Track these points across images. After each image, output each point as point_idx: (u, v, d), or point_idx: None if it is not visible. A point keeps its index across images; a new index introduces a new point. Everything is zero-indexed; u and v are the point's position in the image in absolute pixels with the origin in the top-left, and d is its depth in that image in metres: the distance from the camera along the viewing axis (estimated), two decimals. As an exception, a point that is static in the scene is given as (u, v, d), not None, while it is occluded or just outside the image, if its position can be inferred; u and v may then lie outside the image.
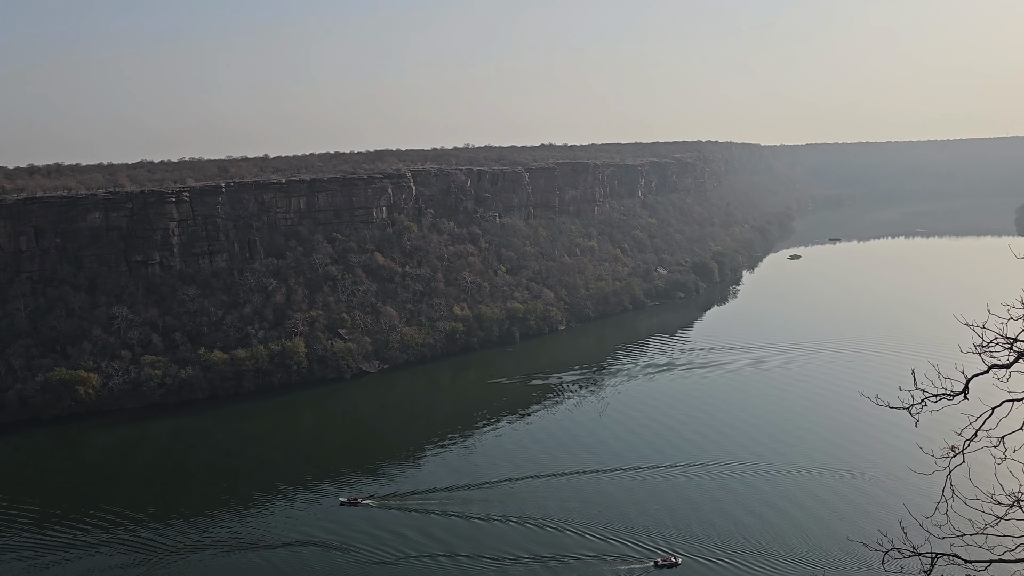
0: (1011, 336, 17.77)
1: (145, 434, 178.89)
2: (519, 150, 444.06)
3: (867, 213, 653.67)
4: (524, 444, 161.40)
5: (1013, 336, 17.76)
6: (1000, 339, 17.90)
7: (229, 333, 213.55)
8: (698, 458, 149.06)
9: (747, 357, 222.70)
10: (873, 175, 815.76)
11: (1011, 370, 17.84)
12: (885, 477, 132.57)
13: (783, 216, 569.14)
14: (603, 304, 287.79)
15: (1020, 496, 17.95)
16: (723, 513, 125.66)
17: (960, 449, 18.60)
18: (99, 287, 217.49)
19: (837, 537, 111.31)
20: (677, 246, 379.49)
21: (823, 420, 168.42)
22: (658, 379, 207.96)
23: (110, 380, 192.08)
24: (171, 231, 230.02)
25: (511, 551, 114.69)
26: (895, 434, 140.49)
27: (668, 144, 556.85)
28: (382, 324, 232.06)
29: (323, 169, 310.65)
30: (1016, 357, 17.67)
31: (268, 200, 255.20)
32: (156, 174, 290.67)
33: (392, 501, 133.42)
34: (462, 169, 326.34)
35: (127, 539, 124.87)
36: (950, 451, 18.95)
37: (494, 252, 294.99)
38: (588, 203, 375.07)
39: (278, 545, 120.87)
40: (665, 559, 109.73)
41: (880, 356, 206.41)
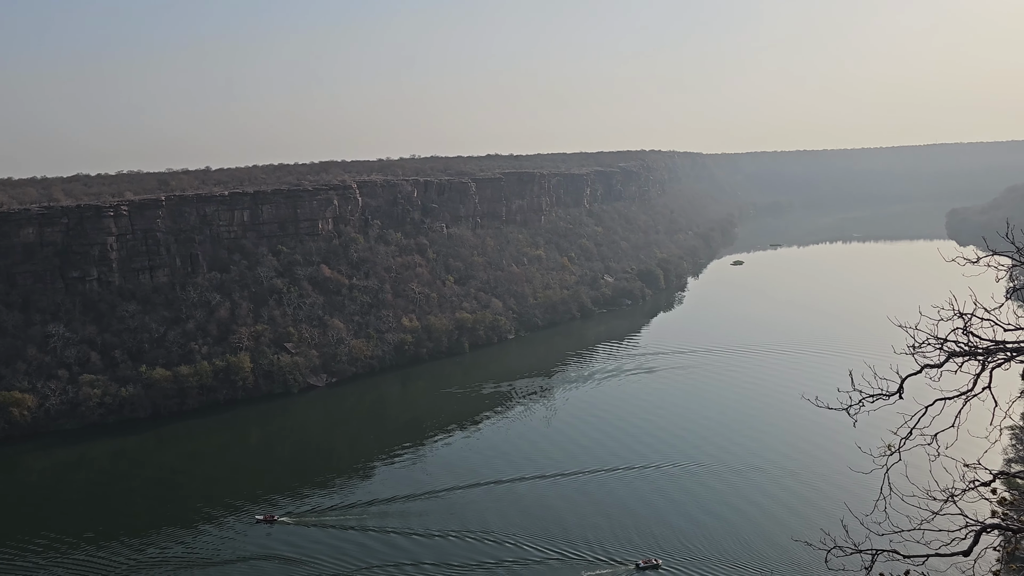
0: (941, 337, 18.44)
1: (85, 456, 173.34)
2: (465, 160, 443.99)
3: (806, 219, 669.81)
4: (476, 453, 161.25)
5: (943, 337, 18.42)
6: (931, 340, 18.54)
7: (171, 349, 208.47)
8: (647, 461, 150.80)
9: (693, 361, 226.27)
10: (811, 182, 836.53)
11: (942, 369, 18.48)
12: (827, 477, 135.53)
13: (725, 223, 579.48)
14: (551, 312, 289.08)
15: (953, 491, 18.57)
16: (672, 515, 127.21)
17: (896, 448, 19.18)
18: (33, 305, 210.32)
19: (782, 536, 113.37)
20: (623, 254, 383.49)
21: (767, 422, 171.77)
22: (607, 385, 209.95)
23: (46, 401, 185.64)
24: (109, 246, 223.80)
25: (476, 559, 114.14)
26: (835, 435, 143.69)
27: (612, 153, 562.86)
28: (329, 337, 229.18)
29: (267, 181, 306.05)
30: (946, 357, 18.33)
31: (210, 213, 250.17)
32: (93, 188, 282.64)
33: (309, 517, 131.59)
34: (408, 180, 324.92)
35: (71, 561, 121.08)
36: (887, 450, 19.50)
37: (442, 263, 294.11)
38: (535, 212, 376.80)
39: (231, 561, 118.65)
40: (647, 561, 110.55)
41: (819, 358, 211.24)
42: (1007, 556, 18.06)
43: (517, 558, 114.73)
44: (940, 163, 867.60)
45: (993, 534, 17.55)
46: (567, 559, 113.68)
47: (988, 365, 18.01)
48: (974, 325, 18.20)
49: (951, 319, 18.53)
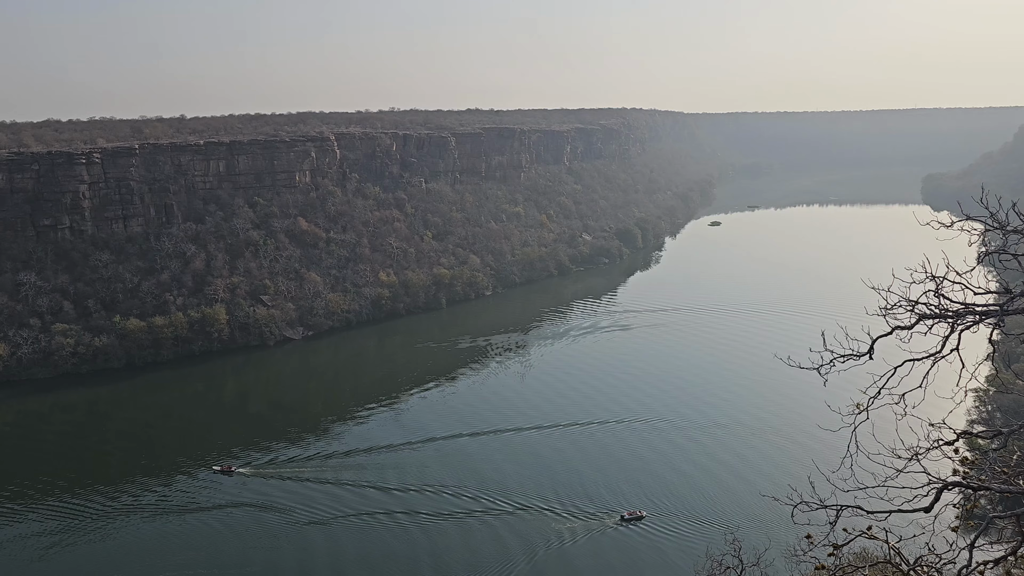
0: (912, 299, 18.67)
1: (58, 404, 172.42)
2: (445, 114, 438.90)
3: (784, 181, 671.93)
4: (453, 407, 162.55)
5: (914, 299, 18.66)
6: (903, 302, 18.76)
7: (146, 300, 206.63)
8: (620, 416, 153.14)
9: (668, 319, 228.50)
10: (791, 144, 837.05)
11: (912, 331, 18.74)
12: (796, 434, 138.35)
13: (704, 183, 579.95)
14: (529, 270, 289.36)
15: (918, 450, 18.98)
16: (645, 470, 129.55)
17: (865, 407, 19.50)
18: (4, 252, 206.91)
19: (751, 492, 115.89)
20: (602, 212, 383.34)
21: (739, 380, 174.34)
22: (582, 342, 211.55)
23: (18, 349, 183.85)
24: (81, 194, 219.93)
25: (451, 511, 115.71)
26: (806, 394, 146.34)
27: (594, 111, 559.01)
28: (306, 290, 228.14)
29: (243, 131, 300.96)
30: (917, 319, 18.58)
31: (185, 163, 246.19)
32: (64, 134, 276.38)
33: (267, 469, 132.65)
34: (387, 133, 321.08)
35: (44, 507, 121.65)
36: (855, 409, 19.83)
37: (420, 218, 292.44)
38: (514, 169, 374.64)
39: (207, 508, 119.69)
40: (632, 513, 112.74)
41: (793, 319, 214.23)
42: (966, 513, 18.54)
43: (494, 511, 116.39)
44: (918, 128, 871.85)
45: (954, 492, 17.99)
46: (547, 512, 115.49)
47: (957, 327, 18.29)
48: (945, 288, 18.44)
49: (923, 282, 18.74)
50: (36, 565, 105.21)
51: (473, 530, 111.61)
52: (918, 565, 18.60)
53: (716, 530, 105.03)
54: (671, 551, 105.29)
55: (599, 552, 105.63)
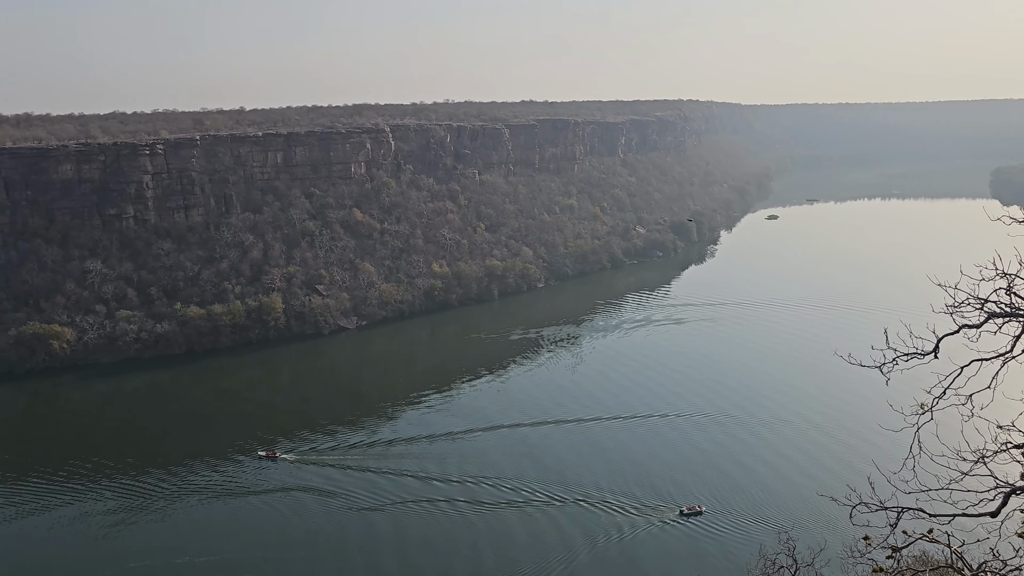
0: (982, 297, 18.01)
1: (121, 388, 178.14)
2: (499, 106, 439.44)
3: (844, 174, 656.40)
4: (504, 398, 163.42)
5: (984, 297, 18.00)
6: (971, 300, 18.12)
7: (205, 288, 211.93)
8: (676, 410, 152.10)
9: (724, 313, 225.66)
10: (851, 136, 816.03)
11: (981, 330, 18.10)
12: (856, 433, 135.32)
13: (762, 176, 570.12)
14: (582, 262, 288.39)
15: (984, 453, 18.36)
16: (695, 467, 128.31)
17: (929, 407, 18.93)
18: (72, 240, 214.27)
19: (807, 492, 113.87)
20: (656, 205, 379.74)
21: (797, 376, 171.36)
22: (635, 335, 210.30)
23: (85, 334, 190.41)
24: (145, 184, 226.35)
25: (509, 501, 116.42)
26: (867, 392, 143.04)
27: (649, 102, 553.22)
28: (360, 280, 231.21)
29: (300, 123, 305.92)
30: (986, 318, 17.93)
31: (244, 154, 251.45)
32: (129, 126, 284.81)
33: (310, 456, 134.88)
34: (442, 125, 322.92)
35: (107, 487, 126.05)
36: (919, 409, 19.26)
37: (473, 209, 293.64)
38: (568, 161, 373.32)
39: (266, 491, 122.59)
40: (691, 508, 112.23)
41: (854, 315, 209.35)
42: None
43: (555, 501, 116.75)
44: (986, 120, 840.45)
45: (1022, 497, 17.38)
46: (606, 503, 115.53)
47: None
48: (1017, 286, 17.74)
49: (993, 279, 18.06)
50: (101, 543, 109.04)
51: (534, 519, 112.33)
52: (981, 571, 18.03)
53: (769, 528, 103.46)
54: (724, 547, 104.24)
55: (655, 546, 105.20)
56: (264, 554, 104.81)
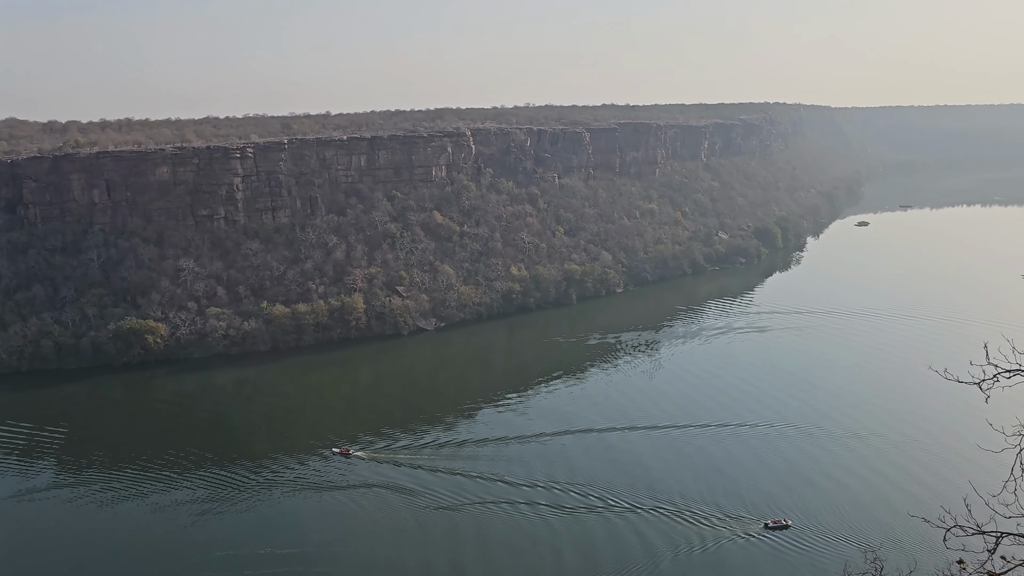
0: (1096, 310, 16.69)
1: (210, 383, 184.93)
2: (580, 110, 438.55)
3: (941, 180, 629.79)
4: (583, 400, 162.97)
5: (1099, 310, 16.67)
6: (1084, 312, 16.84)
7: (290, 288, 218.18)
8: (760, 420, 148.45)
9: (810, 322, 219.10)
10: (950, 140, 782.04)
11: (1094, 346, 16.79)
12: (950, 452, 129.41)
13: (852, 181, 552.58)
14: (661, 268, 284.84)
15: (1096, 478, 17.02)
16: (782, 478, 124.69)
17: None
18: (167, 240, 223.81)
19: (897, 510, 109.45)
20: (740, 210, 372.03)
21: (888, 389, 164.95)
22: (716, 342, 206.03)
23: (177, 330, 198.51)
24: (235, 186, 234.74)
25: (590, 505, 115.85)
26: (963, 409, 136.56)
27: (734, 105, 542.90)
28: (439, 282, 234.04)
29: (384, 127, 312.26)
30: (1101, 332, 16.60)
31: (329, 157, 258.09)
32: (221, 130, 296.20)
33: (382, 454, 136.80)
34: (522, 128, 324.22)
35: (197, 476, 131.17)
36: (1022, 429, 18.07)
37: (552, 213, 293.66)
38: (649, 165, 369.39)
39: (346, 487, 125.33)
40: (776, 521, 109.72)
41: (949, 327, 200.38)
42: None
43: (634, 508, 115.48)
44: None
45: None
46: (687, 514, 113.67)
47: None
48: None
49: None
50: (189, 530, 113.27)
51: (615, 525, 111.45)
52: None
53: (856, 545, 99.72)
54: (809, 562, 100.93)
55: (739, 558, 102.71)
56: (345, 549, 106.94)
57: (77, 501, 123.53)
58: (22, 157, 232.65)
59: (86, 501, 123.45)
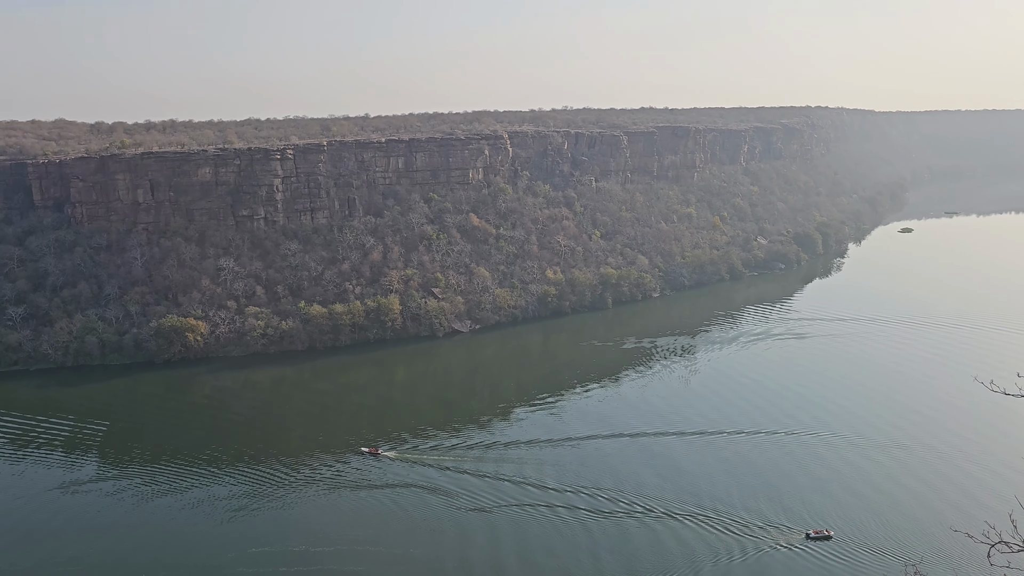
0: None
1: (248, 380, 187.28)
2: (618, 113, 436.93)
3: (989, 186, 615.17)
4: (618, 404, 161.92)
5: None
6: None
7: (328, 288, 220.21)
8: (798, 428, 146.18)
9: (852, 330, 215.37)
10: (998, 145, 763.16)
11: None
12: (996, 466, 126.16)
13: (895, 187, 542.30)
14: (699, 273, 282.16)
15: None
16: (824, 487, 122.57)
17: (1085, 441, 16.99)
18: (208, 239, 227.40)
19: (939, 525, 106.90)
20: (779, 215, 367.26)
21: (933, 399, 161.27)
22: (753, 348, 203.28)
23: (217, 329, 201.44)
24: (275, 187, 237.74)
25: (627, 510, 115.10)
26: (1010, 422, 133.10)
27: (774, 109, 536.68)
28: (475, 285, 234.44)
29: (421, 129, 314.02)
30: None
31: (368, 159, 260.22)
32: (262, 132, 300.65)
33: (410, 454, 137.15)
34: (559, 131, 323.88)
35: (236, 472, 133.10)
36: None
37: (589, 216, 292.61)
38: (687, 169, 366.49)
39: (380, 486, 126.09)
40: (818, 532, 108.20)
41: (996, 337, 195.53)
42: None
43: (673, 514, 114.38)
44: None
45: None
46: (728, 521, 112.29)
47: None
48: None
49: None
50: (226, 526, 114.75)
51: (653, 531, 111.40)
52: None
53: (898, 559, 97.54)
54: (850, 574, 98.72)
55: (780, 568, 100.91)
56: (379, 548, 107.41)
57: (119, 494, 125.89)
58: (70, 157, 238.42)
59: (127, 495, 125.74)
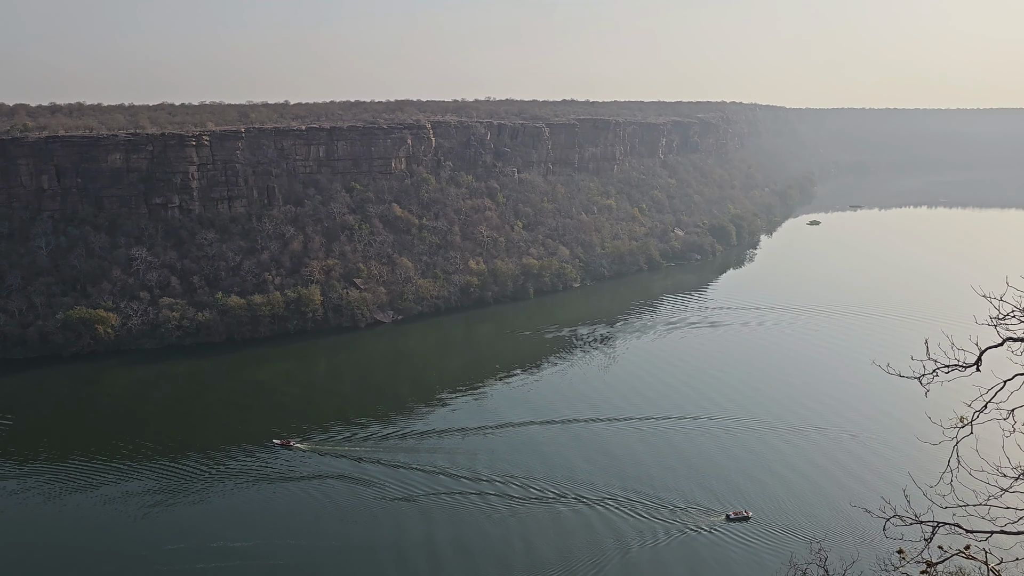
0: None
1: (163, 374, 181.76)
2: (540, 105, 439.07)
3: (891, 181, 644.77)
4: (540, 393, 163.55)
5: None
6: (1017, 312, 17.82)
7: (246, 279, 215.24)
8: (703, 414, 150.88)
9: (761, 318, 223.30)
10: (899, 143, 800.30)
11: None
12: (891, 445, 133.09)
13: (805, 181, 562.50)
14: (618, 263, 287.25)
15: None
16: (727, 472, 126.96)
17: (969, 421, 18.65)
18: (119, 228, 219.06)
19: (841, 502, 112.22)
20: (695, 207, 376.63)
21: (834, 384, 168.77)
22: (669, 337, 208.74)
23: (129, 320, 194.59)
24: (191, 175, 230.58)
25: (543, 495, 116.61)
26: (905, 403, 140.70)
27: (691, 104, 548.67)
28: (398, 275, 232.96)
29: (343, 118, 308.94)
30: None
31: (287, 147, 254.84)
32: (177, 117, 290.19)
33: (324, 446, 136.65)
34: (482, 122, 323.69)
35: (150, 468, 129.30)
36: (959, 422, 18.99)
37: (511, 207, 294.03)
38: (608, 161, 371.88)
39: (299, 478, 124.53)
40: (737, 513, 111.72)
41: (893, 324, 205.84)
42: (1078, 539, 17.51)
43: (583, 500, 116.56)
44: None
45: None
46: (651, 505, 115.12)
47: (1076, 342, 17.21)
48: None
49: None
50: (140, 522, 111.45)
51: (565, 518, 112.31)
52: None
53: (801, 538, 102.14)
54: (754, 556, 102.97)
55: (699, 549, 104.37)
56: (297, 541, 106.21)
57: (23, 493, 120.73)
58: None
59: (32, 493, 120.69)
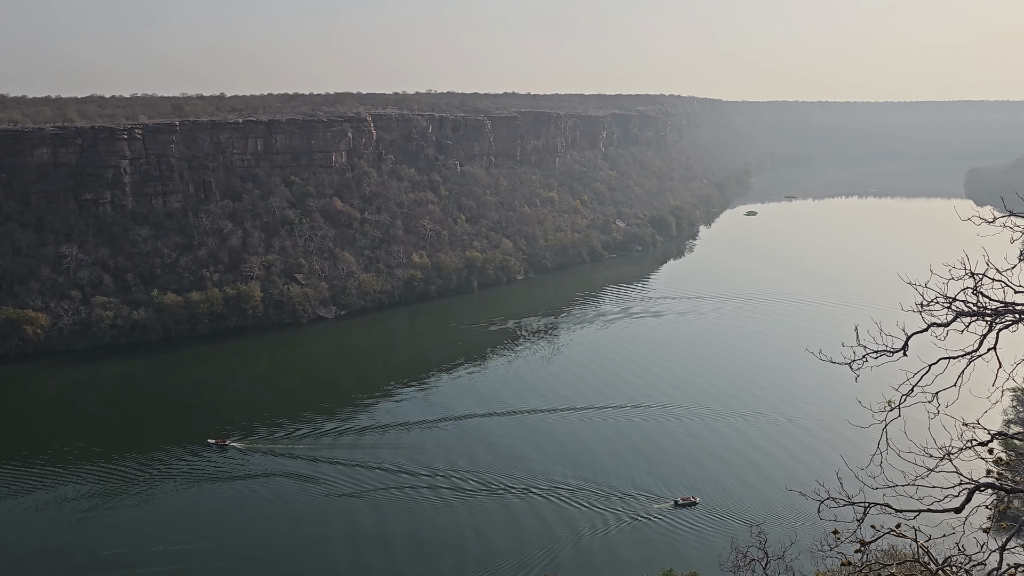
0: (950, 296, 18.35)
1: (97, 374, 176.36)
2: (482, 97, 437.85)
3: (824, 172, 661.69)
4: (484, 385, 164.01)
5: (952, 296, 18.34)
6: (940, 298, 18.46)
7: (183, 275, 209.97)
8: (646, 401, 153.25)
9: (701, 307, 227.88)
10: (832, 135, 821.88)
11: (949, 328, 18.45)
12: (825, 429, 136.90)
13: (741, 173, 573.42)
14: (561, 255, 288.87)
15: (950, 450, 18.72)
16: (672, 459, 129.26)
17: (896, 404, 19.27)
18: (47, 225, 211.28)
19: (779, 485, 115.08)
20: (636, 199, 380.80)
21: (768, 371, 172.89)
22: (612, 327, 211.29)
23: (59, 320, 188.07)
24: (123, 169, 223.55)
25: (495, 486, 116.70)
26: (836, 388, 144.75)
27: (631, 97, 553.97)
28: (340, 270, 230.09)
29: (281, 110, 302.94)
30: (954, 316, 18.28)
31: (224, 141, 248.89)
32: (107, 110, 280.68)
33: (260, 444, 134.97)
34: (423, 115, 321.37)
35: (84, 471, 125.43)
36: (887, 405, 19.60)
37: (454, 200, 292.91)
38: (550, 153, 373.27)
39: (242, 477, 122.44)
40: (685, 499, 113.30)
41: (825, 311, 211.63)
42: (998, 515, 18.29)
43: (534, 491, 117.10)
44: (964, 120, 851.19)
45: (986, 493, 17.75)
46: (601, 494, 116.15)
47: (996, 326, 17.96)
48: (984, 285, 18.09)
49: (962, 279, 18.41)
50: (75, 528, 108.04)
51: (514, 508, 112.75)
52: (947, 565, 18.41)
53: (742, 521, 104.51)
54: (700, 539, 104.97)
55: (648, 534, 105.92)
56: (241, 542, 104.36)
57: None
58: None
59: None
